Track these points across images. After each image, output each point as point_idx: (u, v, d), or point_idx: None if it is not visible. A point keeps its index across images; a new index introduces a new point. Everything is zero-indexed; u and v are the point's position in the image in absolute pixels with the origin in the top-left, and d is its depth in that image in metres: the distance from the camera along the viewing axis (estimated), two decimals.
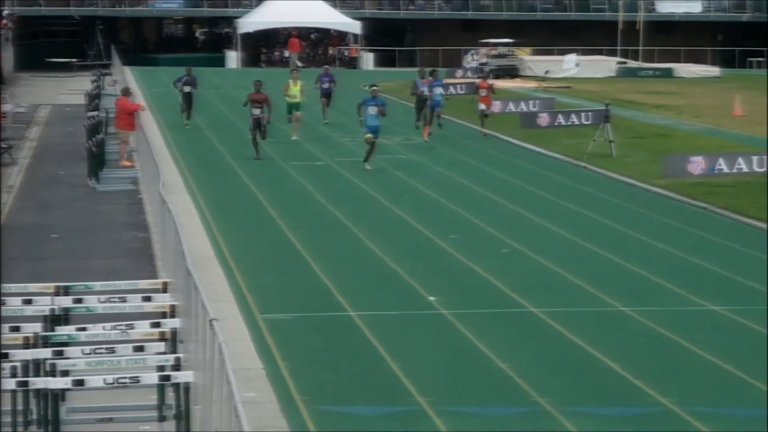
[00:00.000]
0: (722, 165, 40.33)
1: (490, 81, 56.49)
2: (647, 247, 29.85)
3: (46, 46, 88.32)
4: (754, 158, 40.79)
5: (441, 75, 56.64)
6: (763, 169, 39.96)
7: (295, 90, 49.57)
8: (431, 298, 24.40)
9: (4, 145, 45.16)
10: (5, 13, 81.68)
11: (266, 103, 44.39)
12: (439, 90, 51.05)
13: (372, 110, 39.80)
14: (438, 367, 20.08)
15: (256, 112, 44.03)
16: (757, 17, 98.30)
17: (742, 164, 40.45)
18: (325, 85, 54.87)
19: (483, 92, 52.57)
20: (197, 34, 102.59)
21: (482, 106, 52.22)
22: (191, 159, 44.17)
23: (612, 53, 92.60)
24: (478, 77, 55.26)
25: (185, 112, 53.85)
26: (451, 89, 71.02)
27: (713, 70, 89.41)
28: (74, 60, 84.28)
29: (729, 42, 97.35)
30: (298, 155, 45.91)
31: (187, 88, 53.31)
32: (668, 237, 31.06)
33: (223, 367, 14.11)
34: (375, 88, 42.75)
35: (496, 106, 60.25)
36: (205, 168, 42.25)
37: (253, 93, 44.91)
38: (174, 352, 16.22)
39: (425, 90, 50.00)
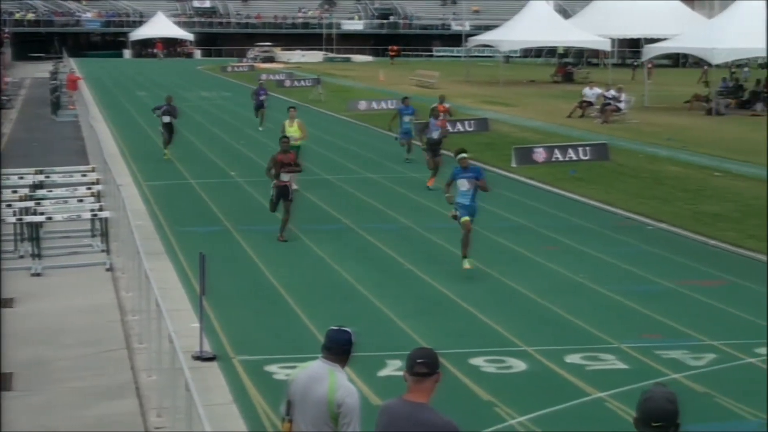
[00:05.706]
0: (374, 105, 40.54)
1: (448, 105, 26.41)
2: (351, 152, 28.86)
3: (27, 47, 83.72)
4: (388, 101, 40.98)
5: (411, 102, 25.71)
6: (393, 106, 40.25)
7: (292, 130, 21.93)
8: (232, 173, 24.07)
9: (6, 98, 43.09)
10: (6, 30, 78.21)
11: (296, 164, 16.43)
12: (407, 119, 24.97)
13: (463, 185, 13.96)
14: (235, 206, 19.76)
15: (285, 178, 16.09)
16: (390, 32, 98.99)
17: (383, 105, 40.71)
18: (262, 97, 33.53)
19: (442, 116, 23.44)
20: (108, 40, 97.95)
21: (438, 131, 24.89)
22: (107, 102, 42.35)
23: (320, 50, 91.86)
24: (439, 101, 24.77)
25: (165, 142, 26.33)
26: (240, 68, 69.67)
27: (369, 59, 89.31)
28: (43, 54, 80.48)
29: (377, 44, 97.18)
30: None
31: (166, 119, 25.96)
32: (358, 140, 31.05)
33: (125, 208, 13.74)
34: (464, 155, 14.00)
35: (263, 76, 58.87)
36: (114, 108, 40.57)
37: (279, 154, 16.23)
38: (99, 202, 15.71)
39: (436, 134, 22.18)
